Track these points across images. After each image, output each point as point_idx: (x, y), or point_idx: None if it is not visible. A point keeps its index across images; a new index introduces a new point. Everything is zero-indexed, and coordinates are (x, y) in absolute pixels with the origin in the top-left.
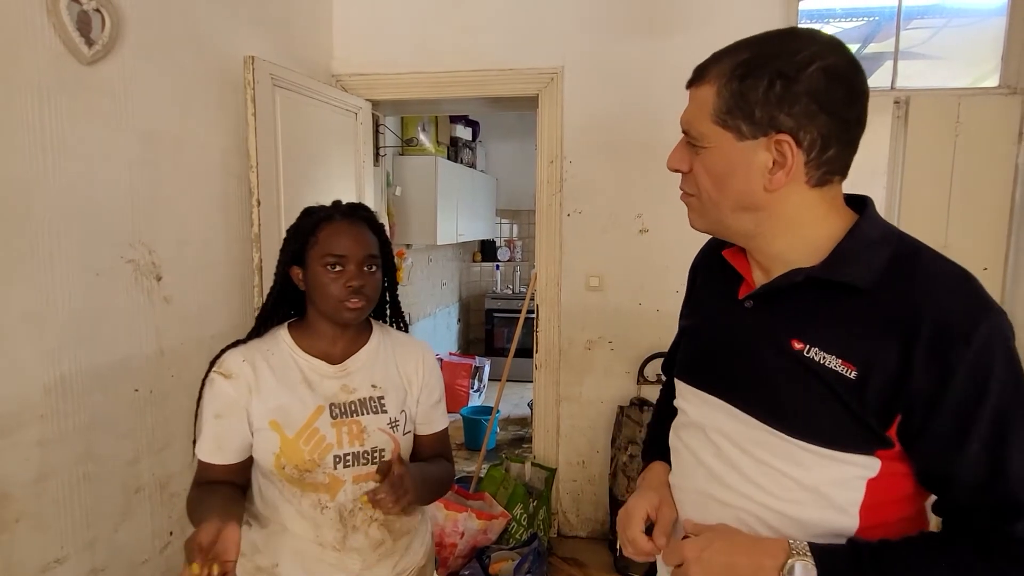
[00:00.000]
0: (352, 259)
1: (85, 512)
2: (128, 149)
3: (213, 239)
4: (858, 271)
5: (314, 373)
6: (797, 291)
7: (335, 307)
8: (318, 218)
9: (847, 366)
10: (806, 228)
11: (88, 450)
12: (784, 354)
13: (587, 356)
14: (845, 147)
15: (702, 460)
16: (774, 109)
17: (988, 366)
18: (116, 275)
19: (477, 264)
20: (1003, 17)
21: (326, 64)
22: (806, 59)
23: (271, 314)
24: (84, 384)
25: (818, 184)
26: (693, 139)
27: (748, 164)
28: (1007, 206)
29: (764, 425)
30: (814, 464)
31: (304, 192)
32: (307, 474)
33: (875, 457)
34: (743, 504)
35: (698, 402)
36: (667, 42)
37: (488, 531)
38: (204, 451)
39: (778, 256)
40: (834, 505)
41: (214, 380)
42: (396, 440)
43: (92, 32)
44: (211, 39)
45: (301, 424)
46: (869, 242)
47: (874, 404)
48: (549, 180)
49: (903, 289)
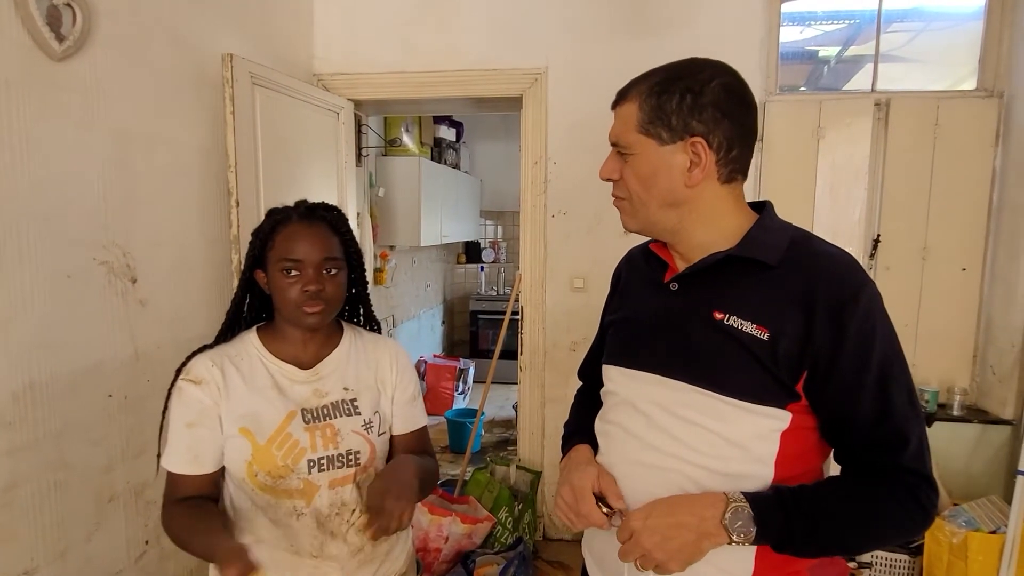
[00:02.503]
0: (308, 263)
1: (56, 522)
2: (101, 148)
3: (190, 240)
4: (767, 251)
5: (284, 378)
6: (715, 271)
7: (294, 312)
8: (275, 220)
9: (760, 329)
10: (720, 219)
11: (59, 458)
12: (708, 324)
13: (572, 358)
14: (745, 149)
15: (632, 432)
16: (687, 117)
17: (872, 321)
18: (88, 277)
19: (461, 266)
20: (980, 21)
21: (307, 63)
22: (707, 77)
23: (237, 318)
24: (55, 390)
25: (727, 181)
26: (622, 148)
27: (669, 165)
28: (985, 208)
29: (692, 386)
30: (736, 418)
31: (284, 193)
32: (281, 480)
33: (787, 411)
34: (673, 464)
35: (628, 381)
36: (652, 43)
37: (473, 535)
38: (178, 463)
39: (698, 245)
40: (753, 457)
41: (183, 388)
42: (372, 443)
43: (63, 27)
44: (188, 36)
45: (273, 430)
46: (772, 229)
47: (784, 361)
48: (533, 181)
49: (802, 265)
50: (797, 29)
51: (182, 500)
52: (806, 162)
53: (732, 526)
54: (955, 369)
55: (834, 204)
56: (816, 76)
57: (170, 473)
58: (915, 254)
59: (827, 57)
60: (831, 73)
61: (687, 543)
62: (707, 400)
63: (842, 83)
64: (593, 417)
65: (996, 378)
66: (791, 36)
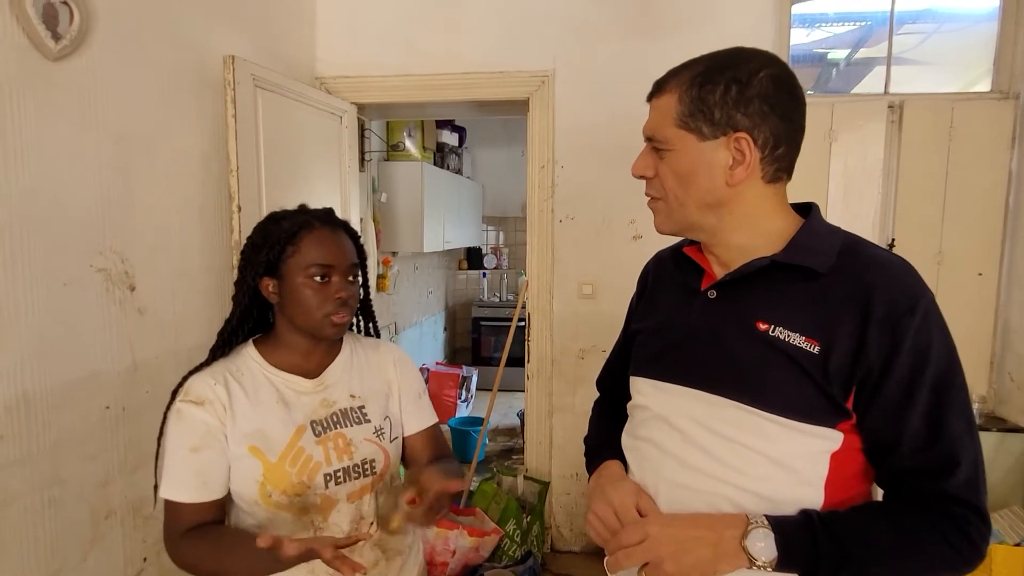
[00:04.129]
0: (338, 269)
1: (50, 540)
2: (98, 150)
3: (190, 246)
4: (816, 257)
5: (290, 390)
6: (758, 278)
7: (319, 321)
8: (296, 224)
9: (811, 342)
10: (763, 221)
11: (54, 473)
12: (751, 335)
13: (580, 366)
14: (792, 147)
15: (668, 450)
16: (731, 110)
17: (929, 335)
18: (85, 285)
19: (463, 272)
20: (994, 22)
21: (310, 65)
22: (755, 68)
23: (236, 331)
24: (49, 402)
25: (772, 180)
26: (659, 143)
27: (710, 162)
28: (1001, 211)
29: (734, 402)
30: (782, 437)
31: (287, 197)
32: (297, 498)
33: (837, 430)
34: (714, 487)
35: (661, 395)
36: (660, 45)
37: (480, 548)
38: (183, 491)
39: (738, 247)
40: (803, 480)
41: (183, 410)
42: (386, 450)
43: (59, 26)
44: (189, 37)
45: (283, 446)
46: (820, 234)
47: (835, 376)
48: (540, 185)
49: (855, 273)
50: (804, 31)
51: (191, 530)
52: (818, 165)
53: (752, 549)
54: (972, 376)
55: (847, 208)
56: (825, 79)
57: (173, 503)
58: (930, 259)
59: (836, 60)
60: (840, 76)
61: (703, 559)
62: (750, 417)
63: (851, 86)
64: (619, 431)
65: (1015, 385)
66: (799, 39)
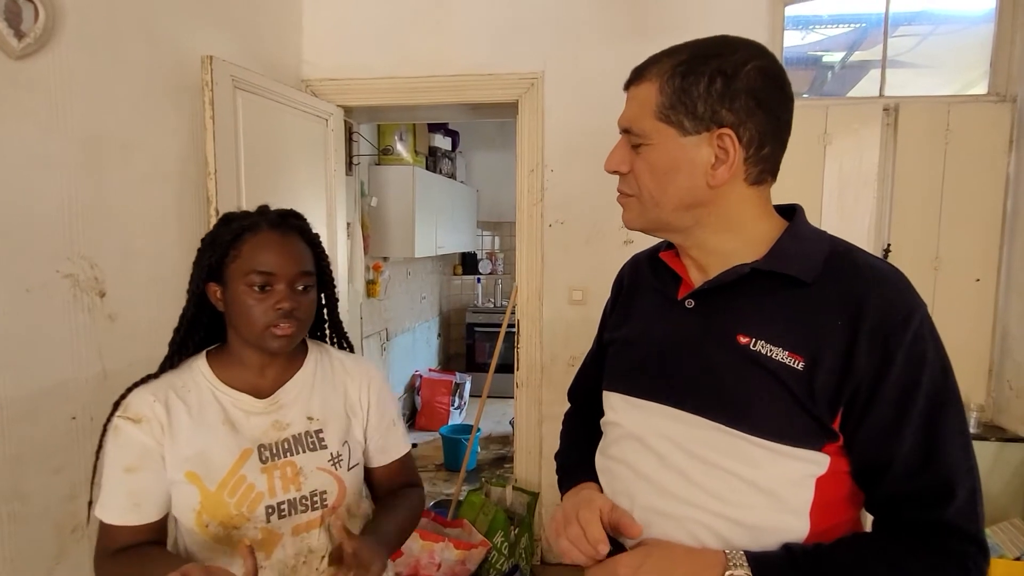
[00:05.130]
0: (282, 277)
1: (11, 557)
2: (66, 153)
3: (166, 251)
4: (800, 265)
5: (238, 411)
6: (738, 287)
7: (260, 333)
8: (240, 227)
9: (795, 357)
10: (745, 225)
11: (14, 487)
12: (731, 349)
13: (571, 373)
14: (778, 146)
15: (642, 473)
16: (716, 104)
17: (923, 349)
18: (51, 291)
19: (458, 277)
20: (990, 24)
21: (295, 68)
22: (743, 59)
23: (185, 341)
24: (11, 413)
25: (755, 182)
26: (636, 136)
27: (691, 160)
28: (999, 216)
29: (714, 423)
30: (766, 462)
31: (268, 201)
32: (235, 531)
33: (823, 453)
34: (691, 514)
35: (635, 412)
36: (650, 47)
37: (467, 562)
38: (114, 513)
39: (716, 252)
40: (787, 507)
41: (119, 427)
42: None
43: (23, 24)
44: (166, 36)
45: (224, 473)
46: (805, 239)
47: (821, 396)
48: (530, 190)
49: (843, 281)
50: (799, 34)
51: (119, 551)
52: (812, 169)
53: None
54: (970, 384)
55: (842, 212)
56: (820, 82)
57: (105, 524)
58: (927, 264)
59: (831, 62)
60: (835, 79)
61: None
62: (730, 439)
63: (847, 89)
64: (593, 448)
65: (1013, 393)
66: (793, 41)
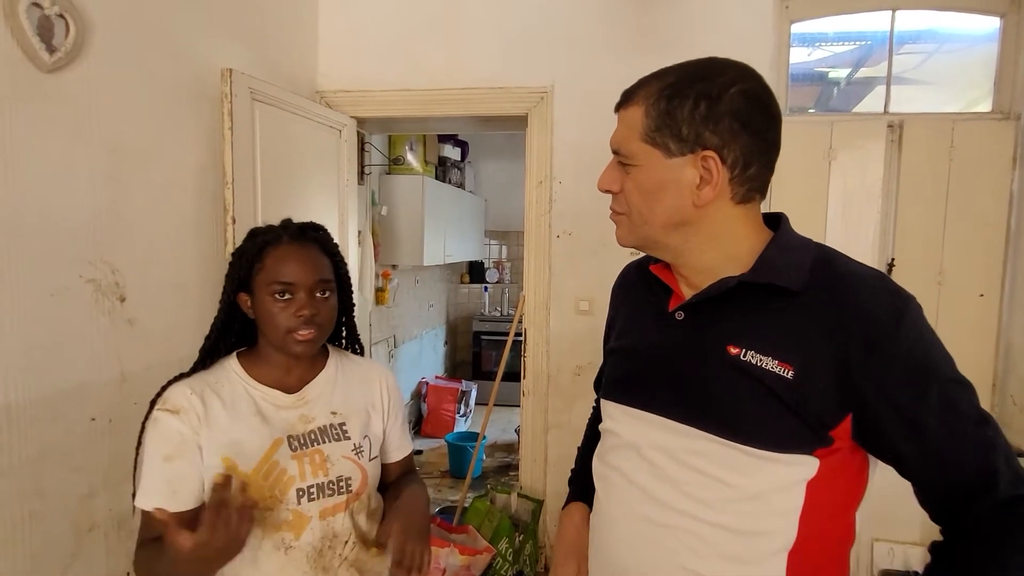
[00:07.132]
0: (301, 286)
1: (30, 554)
2: (92, 162)
3: (183, 258)
4: (787, 275)
5: (269, 404)
6: (727, 299)
7: (283, 338)
8: (263, 241)
9: (784, 366)
10: (732, 242)
11: (35, 486)
12: (721, 361)
13: (577, 383)
14: (764, 167)
15: (636, 482)
16: (700, 127)
17: (922, 349)
18: (74, 295)
19: (465, 286)
20: (995, 43)
21: (310, 79)
22: (727, 82)
23: (216, 345)
24: (33, 413)
25: (742, 201)
26: (624, 158)
27: (677, 181)
28: (1003, 232)
29: (705, 433)
30: (755, 469)
31: (283, 210)
32: (268, 513)
33: (813, 457)
34: (681, 523)
35: (631, 421)
36: (659, 62)
37: (471, 567)
38: (153, 499)
39: (706, 269)
40: (774, 511)
41: (159, 419)
42: (363, 468)
43: (54, 39)
44: (187, 50)
45: (258, 458)
46: (789, 248)
47: (814, 403)
48: (538, 201)
49: (829, 290)
50: (805, 51)
51: (157, 539)
52: (817, 185)
53: None
54: None
55: (846, 228)
56: (826, 98)
57: (145, 512)
58: (931, 279)
59: (836, 79)
60: (841, 95)
61: None
62: (721, 449)
63: (852, 105)
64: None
65: (1017, 408)
66: (799, 57)
